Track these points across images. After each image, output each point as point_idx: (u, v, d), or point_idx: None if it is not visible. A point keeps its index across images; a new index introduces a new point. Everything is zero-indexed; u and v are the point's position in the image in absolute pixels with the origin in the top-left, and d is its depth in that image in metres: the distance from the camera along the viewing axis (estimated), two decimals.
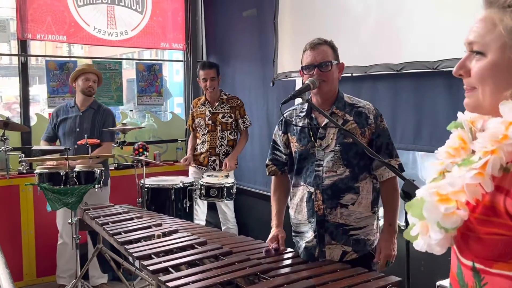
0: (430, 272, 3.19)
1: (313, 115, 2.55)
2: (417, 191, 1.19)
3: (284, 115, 2.60)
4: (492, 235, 1.06)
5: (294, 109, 2.67)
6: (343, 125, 2.45)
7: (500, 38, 1.08)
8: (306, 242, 2.54)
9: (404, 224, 1.86)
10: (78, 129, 4.42)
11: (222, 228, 4.74)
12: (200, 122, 4.74)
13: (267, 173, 2.80)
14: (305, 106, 2.57)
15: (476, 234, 1.08)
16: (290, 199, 2.67)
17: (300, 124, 2.57)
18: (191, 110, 4.87)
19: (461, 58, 3.21)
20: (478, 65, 1.12)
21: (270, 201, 2.79)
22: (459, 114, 1.24)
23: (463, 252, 1.14)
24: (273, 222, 2.66)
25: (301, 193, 2.56)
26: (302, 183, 2.56)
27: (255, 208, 5.18)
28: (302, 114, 2.59)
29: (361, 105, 2.55)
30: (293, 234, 2.67)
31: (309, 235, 2.53)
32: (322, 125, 2.50)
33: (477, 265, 1.11)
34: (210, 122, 4.70)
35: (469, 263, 1.13)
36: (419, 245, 1.16)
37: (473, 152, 1.13)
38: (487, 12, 1.12)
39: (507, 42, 1.07)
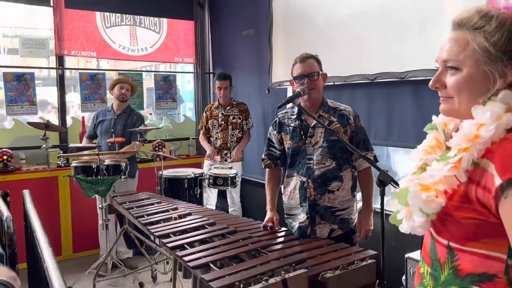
0: (399, 247, 3.19)
1: (303, 117, 2.55)
2: (400, 183, 1.19)
3: (278, 117, 2.61)
4: (466, 219, 1.06)
5: (286, 112, 2.66)
6: (328, 125, 2.47)
7: (474, 55, 1.07)
8: (300, 223, 2.54)
9: (379, 207, 1.86)
10: (112, 130, 4.41)
11: (229, 211, 4.75)
12: (214, 122, 4.76)
13: (263, 166, 2.79)
14: (295, 109, 2.58)
15: (452, 218, 1.09)
16: (284, 188, 2.67)
17: (292, 125, 2.57)
18: (205, 113, 4.85)
19: (425, 69, 3.22)
20: (454, 78, 1.11)
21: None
22: (434, 117, 1.25)
23: (440, 232, 1.14)
24: (268, 207, 2.67)
25: (294, 182, 2.57)
26: (295, 174, 2.57)
27: (254, 194, 5.18)
28: (293, 117, 2.59)
29: (342, 108, 2.58)
30: (285, 216, 2.68)
31: (301, 217, 2.54)
32: (311, 126, 2.51)
33: (452, 244, 1.11)
34: (223, 122, 4.73)
35: (445, 241, 1.13)
36: (404, 228, 1.18)
37: (448, 149, 1.12)
38: (457, 33, 1.11)
39: (481, 58, 1.06)
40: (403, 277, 2.99)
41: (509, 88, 1.06)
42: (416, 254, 2.98)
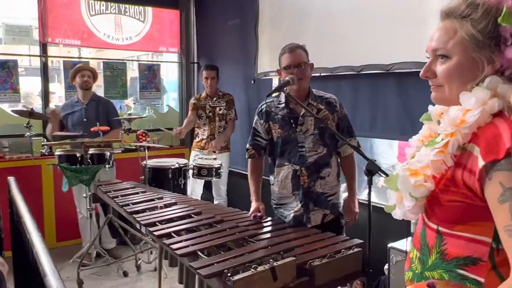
0: (382, 236, 3.22)
1: (291, 106, 2.57)
2: (397, 170, 1.21)
3: (266, 105, 2.62)
4: (452, 202, 1.08)
5: (271, 101, 2.66)
6: (317, 113, 2.51)
7: (463, 42, 1.09)
8: (294, 212, 2.57)
9: (366, 198, 1.88)
10: (85, 120, 4.33)
11: (215, 203, 4.72)
12: (202, 113, 4.74)
13: (247, 156, 2.77)
14: (282, 99, 2.59)
15: (440, 202, 1.10)
16: (274, 177, 2.67)
17: (280, 113, 2.57)
18: (193, 100, 4.81)
19: (410, 61, 3.23)
20: (444, 66, 1.12)
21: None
22: (430, 107, 1.25)
23: (430, 217, 1.16)
24: (253, 198, 2.67)
25: (285, 171, 2.58)
26: (286, 163, 2.58)
27: (240, 186, 5.17)
28: (281, 105, 2.59)
29: (328, 96, 2.63)
30: (275, 206, 2.70)
31: (294, 205, 2.58)
32: (301, 114, 2.53)
33: (441, 229, 1.12)
34: (210, 114, 4.71)
35: (434, 226, 1.14)
36: (397, 214, 1.20)
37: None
38: (445, 22, 1.13)
39: (469, 45, 1.08)
40: (386, 266, 3.03)
41: (498, 74, 1.07)
42: (398, 244, 3.02)
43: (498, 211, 0.97)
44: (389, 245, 3.01)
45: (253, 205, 2.62)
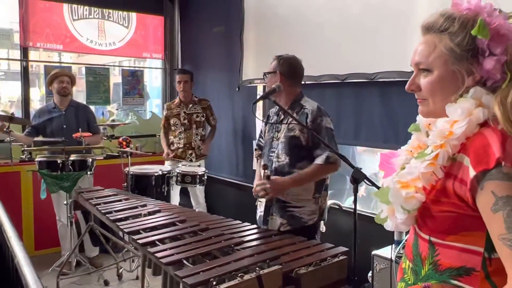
0: (366, 244, 3.23)
1: (280, 113, 2.67)
2: (384, 182, 1.21)
3: (272, 109, 2.76)
4: (444, 212, 1.08)
5: (275, 107, 2.70)
6: (286, 122, 2.57)
7: (442, 56, 1.11)
8: (260, 212, 2.68)
9: (350, 206, 1.88)
10: (65, 126, 4.26)
11: None
12: (176, 121, 4.67)
13: (255, 155, 2.91)
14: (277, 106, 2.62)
15: (431, 213, 1.11)
16: None
17: (274, 119, 2.70)
18: (164, 112, 4.76)
19: (393, 71, 3.28)
20: (427, 80, 1.15)
21: (237, 187, 2.90)
22: (418, 117, 1.26)
23: (422, 228, 1.16)
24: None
25: (262, 173, 2.62)
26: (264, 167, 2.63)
27: (221, 193, 5.15)
28: (275, 111, 2.73)
29: (307, 106, 2.59)
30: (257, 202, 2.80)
31: (263, 207, 2.66)
32: (278, 122, 2.63)
33: (433, 239, 1.13)
34: (186, 121, 4.65)
35: (427, 237, 1.14)
36: (389, 226, 1.21)
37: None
38: (426, 37, 1.16)
39: (448, 59, 1.10)
40: (369, 274, 3.04)
41: (479, 85, 1.09)
42: (382, 251, 3.03)
43: (492, 220, 0.98)
44: (373, 252, 3.01)
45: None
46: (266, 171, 2.54)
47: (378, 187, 1.91)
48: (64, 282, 3.91)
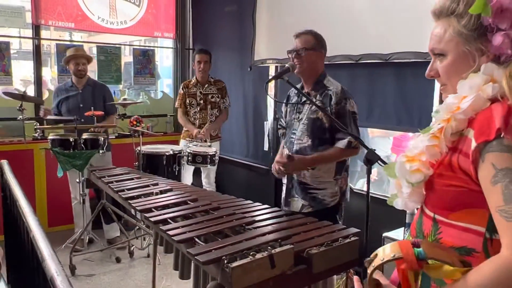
0: (377, 225, 3.23)
1: (304, 91, 2.60)
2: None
3: (292, 89, 2.69)
4: (449, 186, 1.08)
5: (296, 86, 2.64)
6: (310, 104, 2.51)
7: (453, 39, 1.12)
8: (283, 193, 2.69)
9: (363, 189, 1.87)
10: (81, 105, 4.27)
11: None
12: (192, 101, 4.65)
13: (280, 134, 2.90)
14: (298, 85, 2.60)
15: (436, 187, 1.12)
16: None
17: (294, 99, 2.66)
18: (183, 90, 4.69)
19: (408, 51, 3.23)
20: (442, 64, 1.16)
21: (248, 167, 2.91)
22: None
23: (427, 204, 1.17)
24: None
25: (284, 153, 2.60)
26: (285, 146, 2.67)
27: (233, 173, 5.17)
28: (295, 91, 2.66)
29: (330, 88, 2.57)
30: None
31: (284, 187, 2.69)
32: (301, 102, 2.54)
33: (437, 217, 1.13)
34: (201, 101, 4.63)
35: (431, 214, 1.15)
36: (398, 204, 1.22)
37: None
38: (437, 22, 1.17)
39: (459, 41, 1.11)
40: None
41: (495, 62, 1.08)
42: (393, 233, 3.04)
43: (491, 192, 0.98)
44: (384, 234, 3.02)
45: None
46: (286, 150, 2.56)
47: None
48: (77, 259, 3.97)
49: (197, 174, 4.83)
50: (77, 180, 4.03)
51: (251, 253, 1.70)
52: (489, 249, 1.03)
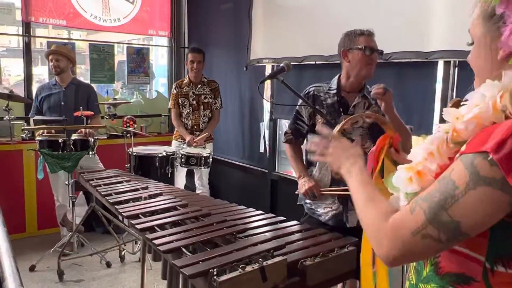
0: None
1: (343, 94, 2.45)
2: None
3: (312, 89, 2.50)
4: None
5: (320, 86, 2.51)
6: (368, 107, 2.40)
7: (476, 26, 1.02)
8: (332, 210, 2.44)
9: None
10: (63, 103, 4.15)
11: (197, 192, 4.59)
12: (184, 101, 4.53)
13: (284, 140, 2.63)
14: (333, 85, 2.47)
15: None
16: (314, 168, 2.52)
17: (329, 100, 2.45)
18: (175, 89, 4.57)
19: (409, 51, 3.12)
20: (471, 52, 1.06)
21: (243, 169, 2.72)
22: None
23: None
24: (304, 173, 2.49)
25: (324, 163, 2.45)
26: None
27: (227, 175, 5.07)
28: (332, 92, 2.46)
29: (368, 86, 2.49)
30: (309, 202, 2.54)
31: (328, 202, 2.45)
32: (352, 104, 2.43)
33: None
34: (194, 102, 4.52)
35: None
36: None
37: None
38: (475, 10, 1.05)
39: (480, 29, 1.00)
40: None
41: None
42: None
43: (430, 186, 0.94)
44: None
45: (307, 182, 2.43)
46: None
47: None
48: (66, 263, 3.87)
49: (190, 175, 4.72)
50: (66, 182, 3.92)
51: (241, 266, 1.60)
52: (490, 280, 0.93)
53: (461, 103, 1.00)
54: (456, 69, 2.84)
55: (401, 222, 0.95)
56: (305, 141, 2.63)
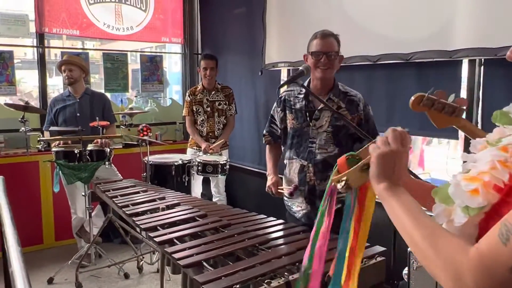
0: (404, 243, 3.03)
1: (310, 98, 2.44)
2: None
3: (283, 95, 2.53)
4: None
5: (292, 90, 2.53)
6: (336, 110, 2.33)
7: None
8: (302, 209, 2.51)
9: None
10: (78, 114, 4.09)
11: (214, 200, 4.51)
12: (199, 109, 4.47)
13: (264, 141, 2.73)
14: (303, 89, 2.43)
15: (497, 220, 0.78)
16: (285, 170, 2.59)
17: (298, 105, 2.47)
18: (189, 97, 4.51)
19: (431, 50, 3.00)
20: None
21: (260, 176, 2.73)
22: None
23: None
24: (272, 171, 2.59)
25: (294, 165, 2.49)
26: (295, 157, 2.48)
27: (244, 182, 4.99)
28: (301, 96, 2.48)
29: (352, 94, 2.49)
30: (286, 200, 2.63)
31: (299, 200, 2.50)
32: (318, 108, 2.41)
33: None
34: (208, 109, 4.45)
35: None
36: None
37: None
38: None
39: None
40: (404, 271, 2.83)
41: None
42: None
43: None
44: (409, 249, 2.80)
45: (271, 178, 2.53)
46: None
47: (417, 176, 1.66)
48: (84, 275, 3.82)
49: (206, 183, 4.65)
50: (82, 194, 3.87)
51: (265, 281, 1.52)
52: None
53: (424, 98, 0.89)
54: (482, 68, 2.73)
55: (492, 256, 0.75)
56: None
